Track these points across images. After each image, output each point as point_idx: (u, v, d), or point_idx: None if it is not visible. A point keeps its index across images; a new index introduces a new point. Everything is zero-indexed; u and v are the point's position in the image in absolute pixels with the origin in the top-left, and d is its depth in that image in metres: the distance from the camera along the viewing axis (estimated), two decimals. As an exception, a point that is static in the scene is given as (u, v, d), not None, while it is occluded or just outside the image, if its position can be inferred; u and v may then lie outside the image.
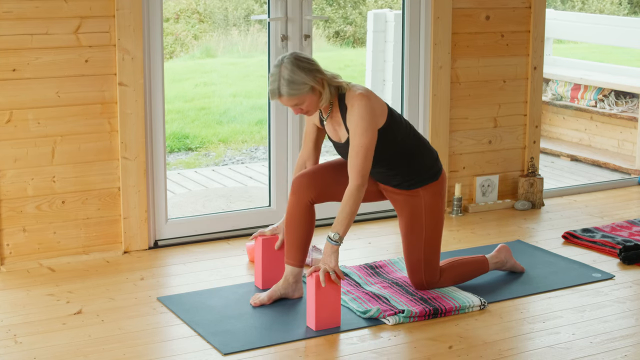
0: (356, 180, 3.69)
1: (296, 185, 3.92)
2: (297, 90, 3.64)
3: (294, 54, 3.69)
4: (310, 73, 3.65)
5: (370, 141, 3.68)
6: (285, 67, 3.63)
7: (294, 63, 3.64)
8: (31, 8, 4.20)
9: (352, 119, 3.70)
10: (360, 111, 3.68)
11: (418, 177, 3.92)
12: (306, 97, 3.67)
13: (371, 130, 3.69)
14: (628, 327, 3.75)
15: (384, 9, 8.54)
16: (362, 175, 3.68)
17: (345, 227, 3.68)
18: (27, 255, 4.38)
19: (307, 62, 3.68)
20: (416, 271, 4.00)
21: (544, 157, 7.06)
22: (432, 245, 3.98)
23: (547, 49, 8.06)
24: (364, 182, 3.69)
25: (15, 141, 4.28)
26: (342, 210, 3.68)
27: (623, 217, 5.37)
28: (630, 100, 7.09)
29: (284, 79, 3.62)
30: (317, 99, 3.70)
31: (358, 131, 3.67)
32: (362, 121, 3.67)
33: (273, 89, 3.66)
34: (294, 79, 3.62)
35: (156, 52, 4.55)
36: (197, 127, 8.70)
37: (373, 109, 3.71)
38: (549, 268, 4.44)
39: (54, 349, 3.47)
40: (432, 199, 3.95)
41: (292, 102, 3.67)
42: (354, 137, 3.69)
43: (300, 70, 3.63)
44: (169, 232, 4.74)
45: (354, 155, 3.69)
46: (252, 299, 3.95)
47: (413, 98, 5.26)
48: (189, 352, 3.47)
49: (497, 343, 3.59)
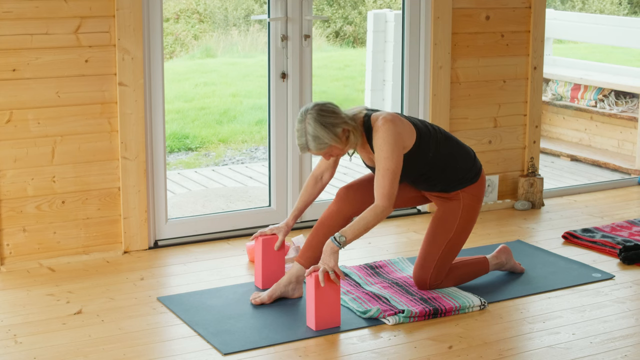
0: (382, 202, 3.72)
1: (341, 197, 3.99)
2: (323, 144, 3.72)
3: (317, 108, 3.72)
4: (333, 128, 3.70)
5: (396, 165, 3.72)
6: (309, 124, 3.70)
7: (316, 120, 3.69)
8: (31, 8, 4.20)
9: (377, 143, 3.75)
10: (384, 135, 3.72)
11: (458, 180, 3.98)
12: (333, 148, 3.76)
13: (396, 154, 3.73)
14: (628, 327, 3.75)
15: (383, 9, 8.54)
16: (389, 198, 3.72)
17: (354, 236, 3.69)
18: (27, 255, 4.38)
19: (329, 115, 3.72)
20: (426, 268, 4.01)
21: (544, 157, 7.06)
22: (454, 248, 4.01)
23: (547, 49, 8.06)
24: (390, 205, 3.73)
25: (15, 141, 4.28)
26: (360, 220, 3.70)
27: (623, 217, 5.37)
28: (630, 100, 7.09)
29: (310, 135, 3.70)
30: (345, 146, 3.78)
31: (383, 155, 3.72)
32: (386, 145, 3.72)
33: (301, 144, 3.74)
34: (318, 135, 3.69)
35: (156, 52, 4.55)
36: (197, 127, 8.70)
37: (398, 133, 3.75)
38: (549, 268, 4.44)
39: (54, 349, 3.47)
40: (471, 202, 4.00)
41: (321, 153, 3.78)
42: (379, 161, 3.73)
43: (323, 127, 3.69)
44: (169, 232, 4.74)
45: (381, 178, 3.73)
46: (252, 296, 3.96)
47: (413, 98, 5.26)
48: (189, 352, 3.47)
49: (497, 343, 3.59)
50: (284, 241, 4.10)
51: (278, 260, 4.11)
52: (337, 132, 3.70)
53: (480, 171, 4.06)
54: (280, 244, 4.08)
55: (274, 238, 4.10)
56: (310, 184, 4.08)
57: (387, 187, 3.72)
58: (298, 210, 4.10)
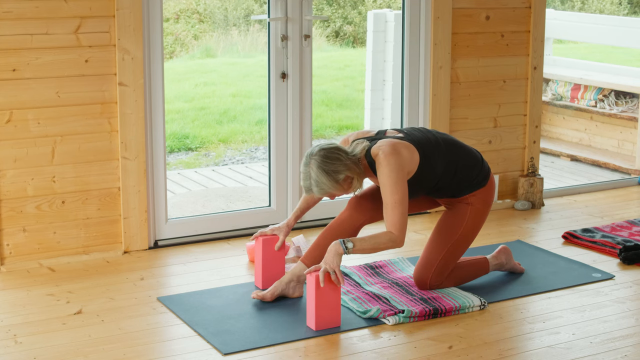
0: (396, 232, 3.71)
1: (353, 205, 4.01)
2: (326, 190, 3.75)
3: (321, 154, 3.73)
4: (335, 175, 3.72)
5: (402, 196, 3.72)
6: (312, 170, 3.73)
7: (319, 167, 3.71)
8: (31, 8, 4.20)
9: (381, 179, 3.76)
10: (385, 171, 3.73)
11: (467, 185, 3.99)
12: (337, 191, 3.79)
13: (401, 185, 3.73)
14: (628, 327, 3.75)
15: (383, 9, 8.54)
16: (401, 230, 3.72)
17: (361, 249, 3.68)
18: (27, 255, 4.38)
19: (332, 162, 3.72)
20: (427, 268, 4.01)
21: (544, 157, 7.06)
22: (457, 250, 4.01)
23: (547, 49, 8.06)
24: (403, 237, 3.73)
25: (15, 141, 4.28)
26: (372, 238, 3.70)
27: (623, 217, 5.37)
28: (630, 100, 7.09)
29: (313, 180, 3.73)
30: (347, 191, 3.81)
31: (387, 190, 3.73)
32: (389, 180, 3.72)
33: (306, 186, 3.77)
34: (320, 182, 3.72)
35: (156, 52, 4.55)
36: (197, 127, 8.70)
37: (399, 165, 3.74)
38: (549, 268, 4.44)
39: (54, 349, 3.47)
40: (480, 206, 4.01)
41: (326, 196, 3.81)
42: (385, 195, 3.73)
43: (326, 175, 3.71)
44: (169, 232, 4.74)
45: (390, 210, 3.72)
46: (253, 292, 3.98)
47: (413, 98, 5.26)
48: (189, 352, 3.47)
49: (497, 343, 3.59)
50: (284, 241, 4.10)
51: (278, 260, 4.11)
52: (339, 179, 3.73)
53: (489, 174, 4.06)
54: (281, 244, 4.09)
55: (275, 238, 4.10)
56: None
57: (397, 220, 3.71)
58: (300, 211, 4.11)
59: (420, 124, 5.27)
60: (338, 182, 3.74)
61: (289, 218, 4.12)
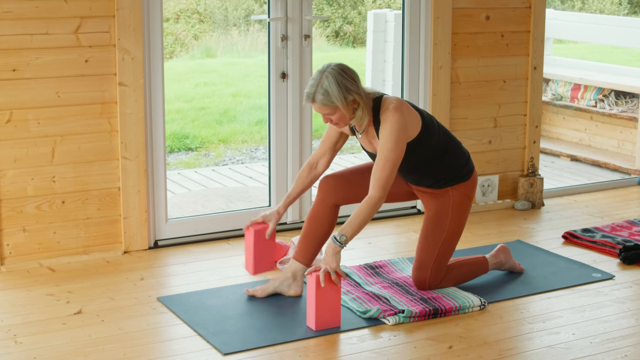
0: (378, 192, 3.72)
1: (322, 186, 4.00)
2: (330, 102, 3.69)
3: (341, 66, 3.72)
4: (347, 92, 3.69)
5: (397, 157, 3.72)
6: (326, 77, 3.69)
7: (335, 76, 3.68)
8: (31, 8, 4.20)
9: (383, 133, 3.74)
10: (391, 127, 3.72)
11: (449, 177, 3.97)
12: (337, 110, 3.73)
13: (400, 146, 3.73)
14: (628, 327, 3.75)
15: (383, 9, 8.54)
16: (385, 188, 3.73)
17: (354, 232, 3.70)
18: (27, 255, 4.38)
19: (350, 78, 3.71)
20: (423, 268, 4.01)
21: (544, 157, 7.06)
22: (448, 246, 4.01)
23: (547, 49, 8.06)
24: (385, 195, 3.74)
25: (15, 141, 4.28)
26: (357, 216, 3.70)
27: (623, 217, 5.37)
28: (630, 100, 7.09)
29: (322, 87, 3.68)
30: (349, 116, 3.76)
31: (387, 146, 3.72)
32: (392, 137, 3.72)
33: (309, 92, 3.72)
34: (330, 91, 3.67)
35: (156, 52, 4.55)
36: (197, 127, 8.70)
37: (404, 124, 3.75)
38: (549, 268, 4.44)
39: (54, 349, 3.47)
40: (461, 200, 3.99)
41: (324, 111, 3.74)
42: (382, 150, 3.72)
43: (339, 86, 3.68)
44: (168, 232, 4.74)
45: (380, 168, 3.72)
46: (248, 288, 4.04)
47: (413, 98, 5.26)
48: (189, 352, 3.47)
49: (497, 343, 3.59)
50: (274, 229, 4.15)
51: (269, 248, 4.19)
52: (347, 97, 3.69)
53: (473, 171, 4.06)
54: (271, 232, 4.14)
55: (266, 227, 4.16)
56: (304, 173, 4.10)
57: (384, 178, 3.71)
58: (290, 198, 4.13)
59: (420, 124, 5.27)
60: (345, 100, 3.69)
61: (279, 205, 4.15)
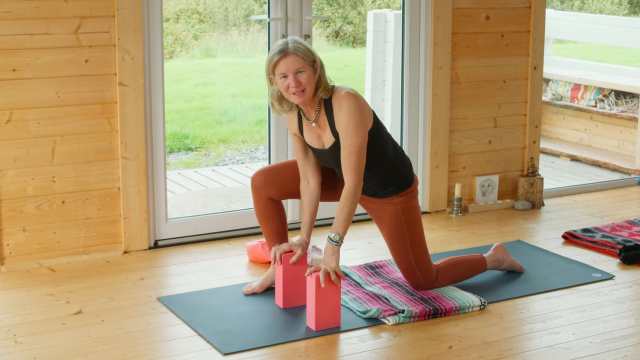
0: (353, 179, 3.68)
1: (253, 183, 3.98)
2: (305, 54, 3.65)
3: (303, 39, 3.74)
4: (312, 52, 3.70)
5: (362, 141, 3.67)
6: (293, 39, 3.68)
7: (300, 39, 3.71)
8: (31, 8, 4.20)
9: (342, 119, 3.67)
10: (350, 110, 3.66)
11: (393, 187, 3.90)
12: (308, 68, 3.65)
13: (362, 130, 3.68)
14: (628, 327, 3.75)
15: (383, 9, 8.54)
16: (358, 173, 3.68)
17: (344, 228, 3.68)
18: (27, 255, 4.38)
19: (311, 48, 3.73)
20: (411, 273, 4.00)
21: (544, 157, 7.06)
22: (418, 245, 3.97)
23: (547, 49, 8.06)
24: (360, 181, 3.69)
25: (15, 141, 4.28)
26: (341, 210, 3.68)
27: (623, 217, 5.37)
28: (630, 100, 7.09)
29: (294, 41, 3.66)
30: (314, 78, 3.67)
31: (350, 131, 3.65)
32: (352, 120, 3.65)
33: (282, 47, 3.65)
34: (302, 44, 3.67)
35: (156, 52, 4.55)
36: (197, 127, 8.70)
37: (362, 108, 3.70)
38: (549, 268, 4.44)
39: (54, 349, 3.47)
40: (407, 203, 3.93)
41: (298, 65, 3.63)
42: (346, 137, 3.66)
43: (306, 45, 3.69)
44: (168, 232, 4.74)
45: (347, 155, 3.67)
46: (245, 287, 4.04)
47: (413, 98, 5.26)
48: (189, 352, 3.47)
49: (497, 343, 3.59)
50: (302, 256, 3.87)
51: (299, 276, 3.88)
52: (314, 58, 3.67)
53: (414, 179, 3.95)
54: (296, 259, 3.84)
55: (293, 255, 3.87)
56: (306, 199, 3.90)
57: (355, 164, 3.66)
58: (307, 225, 3.90)
59: (420, 124, 5.27)
60: (314, 60, 3.66)
61: (301, 236, 3.88)
